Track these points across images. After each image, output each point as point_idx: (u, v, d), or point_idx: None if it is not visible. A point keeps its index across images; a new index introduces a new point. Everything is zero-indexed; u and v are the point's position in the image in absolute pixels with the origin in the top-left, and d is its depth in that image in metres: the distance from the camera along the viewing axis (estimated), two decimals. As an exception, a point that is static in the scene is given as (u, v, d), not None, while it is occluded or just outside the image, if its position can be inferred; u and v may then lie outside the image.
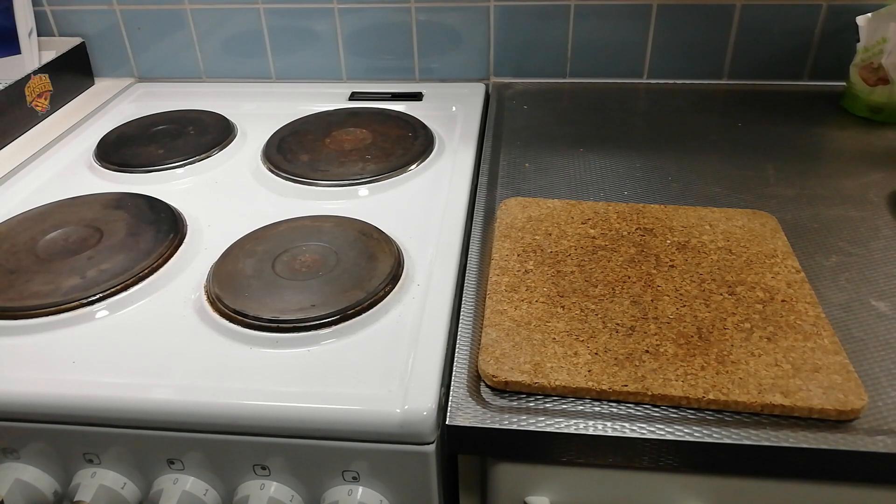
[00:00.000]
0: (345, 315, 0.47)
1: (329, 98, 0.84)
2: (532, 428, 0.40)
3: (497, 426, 0.40)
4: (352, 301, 0.48)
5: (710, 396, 0.40)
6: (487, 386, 0.43)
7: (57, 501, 0.47)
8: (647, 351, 0.43)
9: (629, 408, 0.41)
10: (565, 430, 0.40)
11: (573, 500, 0.44)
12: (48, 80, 0.82)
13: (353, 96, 0.84)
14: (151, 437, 0.44)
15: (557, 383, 0.41)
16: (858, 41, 0.75)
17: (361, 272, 0.51)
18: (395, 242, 0.55)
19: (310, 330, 0.47)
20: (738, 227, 0.55)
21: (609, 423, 0.40)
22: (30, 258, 0.55)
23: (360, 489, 0.44)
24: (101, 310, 0.50)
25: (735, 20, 0.81)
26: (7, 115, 0.76)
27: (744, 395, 0.40)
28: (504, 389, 0.42)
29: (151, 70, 0.92)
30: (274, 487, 0.44)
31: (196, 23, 0.87)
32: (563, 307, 0.47)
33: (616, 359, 0.43)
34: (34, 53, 0.86)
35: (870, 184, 0.63)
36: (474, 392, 0.43)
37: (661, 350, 0.43)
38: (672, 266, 0.51)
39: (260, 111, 0.82)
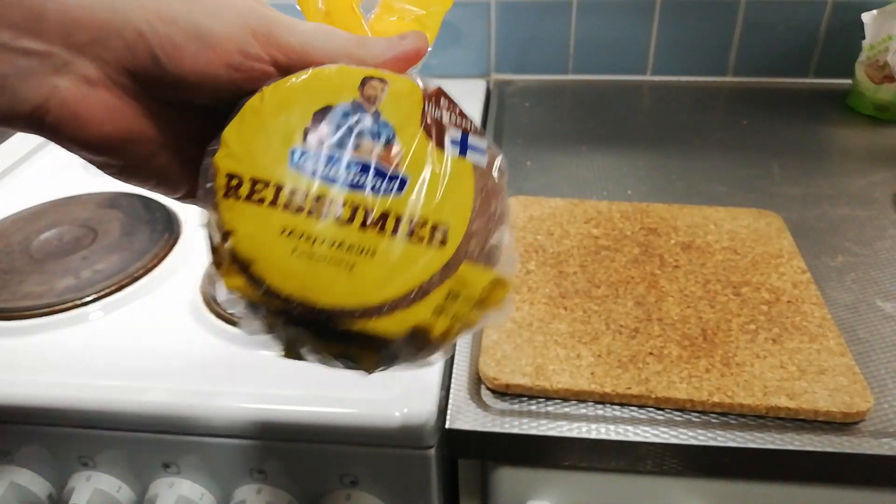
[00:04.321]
0: (343, 316, 0.47)
1: (328, 95, 0.83)
2: (534, 431, 0.40)
3: (498, 430, 0.40)
4: (350, 302, 0.47)
5: (715, 399, 0.40)
6: (488, 389, 0.42)
7: (51, 505, 0.47)
8: (650, 353, 0.43)
9: (633, 411, 0.41)
10: (568, 434, 0.39)
11: (575, 505, 0.44)
12: (44, 77, 0.81)
13: (353, 93, 0.83)
14: (147, 441, 0.43)
15: (560, 386, 0.41)
16: (864, 38, 0.74)
17: (360, 272, 0.50)
18: (394, 242, 0.54)
19: (307, 331, 0.46)
20: (744, 227, 0.54)
21: (612, 427, 0.40)
22: (23, 258, 0.54)
23: (359, 494, 0.43)
24: (95, 311, 0.49)
25: (739, 16, 0.80)
26: (2, 112, 0.75)
27: (749, 397, 0.40)
28: (505, 392, 0.42)
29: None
30: (271, 492, 0.44)
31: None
32: (565, 308, 0.46)
33: (619, 361, 0.42)
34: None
35: (876, 183, 0.63)
36: (475, 395, 0.42)
37: (666, 352, 0.43)
38: (676, 266, 0.50)
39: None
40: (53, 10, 0.21)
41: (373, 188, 0.22)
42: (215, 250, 0.23)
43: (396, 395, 0.41)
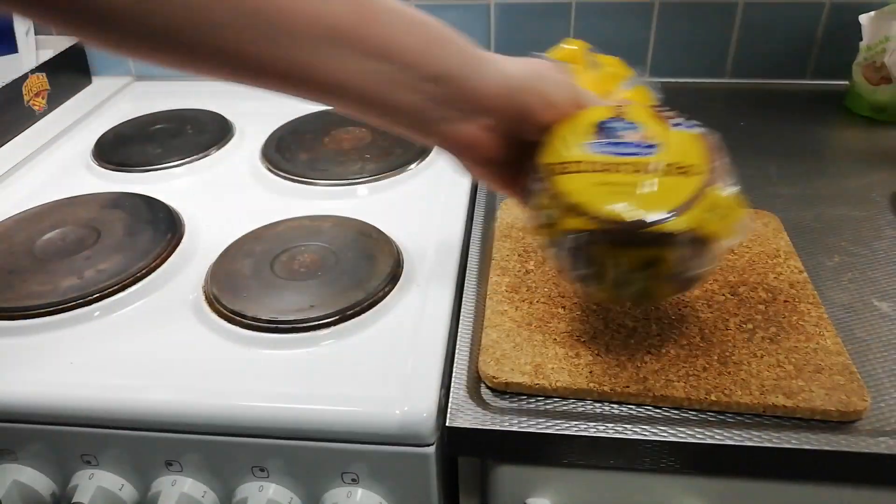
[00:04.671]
0: (344, 316, 0.47)
1: (328, 96, 0.83)
2: (533, 430, 0.40)
3: (497, 428, 0.40)
4: (351, 301, 0.48)
5: (713, 398, 0.40)
6: (488, 387, 0.43)
7: (55, 503, 0.47)
8: (648, 352, 0.43)
9: (631, 409, 0.41)
10: (566, 432, 0.40)
11: (574, 503, 0.44)
12: (45, 79, 0.81)
13: (353, 95, 0.84)
14: (149, 439, 0.43)
15: (558, 384, 0.41)
16: (861, 40, 0.74)
17: (361, 272, 0.51)
18: (394, 242, 0.54)
19: (309, 331, 0.46)
20: (741, 227, 0.54)
21: (610, 425, 0.40)
22: (27, 258, 0.55)
23: (360, 491, 0.43)
24: (98, 310, 0.50)
25: (737, 18, 0.81)
26: (4, 114, 0.76)
27: (746, 396, 0.40)
28: (504, 391, 0.42)
29: (149, 69, 0.91)
30: (272, 489, 0.44)
31: (195, 21, 0.87)
32: (564, 308, 0.47)
33: (618, 360, 0.42)
34: (31, 52, 0.85)
35: (873, 183, 0.63)
36: (474, 393, 0.42)
37: (663, 351, 0.43)
38: (674, 266, 0.50)
39: (258, 110, 0.81)
40: (479, 88, 0.36)
41: (638, 154, 0.36)
42: (550, 215, 0.37)
43: (397, 394, 0.42)
